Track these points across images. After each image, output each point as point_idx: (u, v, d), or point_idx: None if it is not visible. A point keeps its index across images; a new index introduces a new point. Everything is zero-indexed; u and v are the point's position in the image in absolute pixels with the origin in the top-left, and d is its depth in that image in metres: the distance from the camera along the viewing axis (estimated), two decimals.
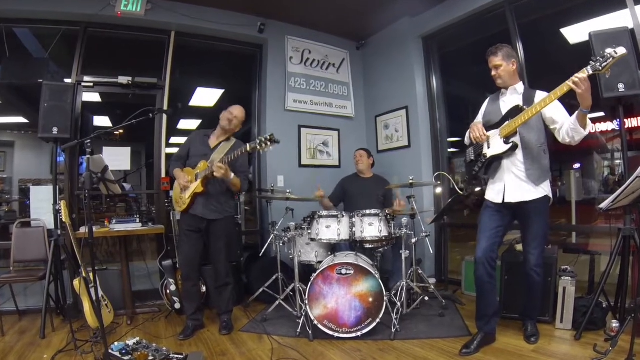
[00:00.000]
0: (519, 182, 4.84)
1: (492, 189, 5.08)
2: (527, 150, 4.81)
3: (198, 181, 5.71)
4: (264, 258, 7.57)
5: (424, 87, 8.77)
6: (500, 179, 4.98)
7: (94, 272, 4.81)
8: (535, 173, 4.79)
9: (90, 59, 7.54)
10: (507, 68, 4.97)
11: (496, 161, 5.00)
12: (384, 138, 9.43)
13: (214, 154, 5.84)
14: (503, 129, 4.87)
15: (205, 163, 5.74)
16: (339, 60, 9.78)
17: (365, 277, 5.53)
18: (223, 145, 5.96)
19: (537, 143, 4.81)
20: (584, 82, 4.08)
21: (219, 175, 5.44)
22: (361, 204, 6.86)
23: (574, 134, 4.52)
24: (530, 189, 4.80)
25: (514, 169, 4.88)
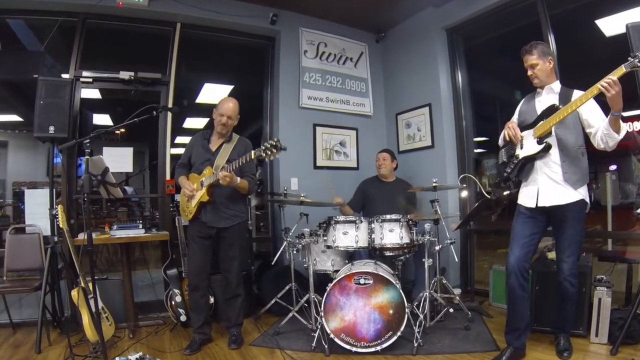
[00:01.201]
0: (553, 184, 4.82)
1: (525, 193, 5.06)
2: (563, 152, 4.79)
3: (203, 189, 5.71)
4: (276, 267, 7.55)
5: (449, 83, 8.74)
6: (534, 182, 4.96)
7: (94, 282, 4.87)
8: (573, 176, 4.76)
9: (89, 52, 7.54)
10: (544, 67, 4.95)
11: (529, 163, 4.98)
12: (405, 138, 9.42)
13: (217, 158, 5.85)
14: (537, 129, 4.86)
15: (210, 169, 5.76)
16: (357, 54, 9.77)
17: (386, 287, 5.51)
18: (225, 147, 5.97)
19: (575, 144, 4.79)
20: (614, 85, 4.08)
21: (224, 184, 5.46)
22: (382, 210, 6.81)
23: (607, 139, 4.52)
24: (565, 192, 4.77)
25: (547, 171, 4.86)
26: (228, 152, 5.88)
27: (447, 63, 8.79)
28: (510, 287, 4.96)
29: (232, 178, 5.46)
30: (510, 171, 5.10)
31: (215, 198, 5.75)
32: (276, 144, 4.99)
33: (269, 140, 5.06)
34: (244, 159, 5.35)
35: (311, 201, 6.91)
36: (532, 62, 4.96)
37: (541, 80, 5.00)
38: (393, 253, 6.18)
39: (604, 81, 4.12)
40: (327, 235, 6.28)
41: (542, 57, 4.94)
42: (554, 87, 5.01)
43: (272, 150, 5.00)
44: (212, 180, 5.58)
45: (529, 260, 4.95)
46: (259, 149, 5.11)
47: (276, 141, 5.01)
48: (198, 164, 5.96)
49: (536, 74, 4.98)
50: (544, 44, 5.02)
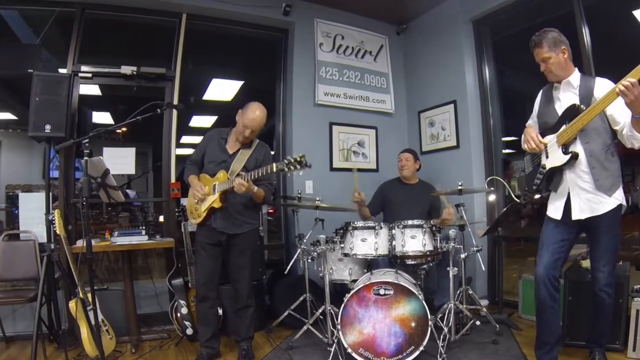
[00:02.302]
0: (585, 194, 4.74)
1: (555, 205, 5.01)
2: (591, 158, 4.67)
3: (216, 195, 5.66)
4: (289, 276, 7.50)
5: (475, 79, 8.73)
6: (563, 194, 4.91)
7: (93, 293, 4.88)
8: (606, 182, 4.67)
9: (88, 45, 7.53)
10: (557, 59, 4.79)
11: (557, 173, 4.92)
12: (428, 137, 9.41)
13: (234, 163, 5.79)
14: (560, 136, 4.76)
15: (224, 174, 5.71)
16: (377, 47, 9.78)
17: (407, 298, 5.50)
18: (243, 152, 5.90)
19: (603, 147, 4.68)
20: (634, 89, 4.04)
21: (240, 192, 5.41)
22: (403, 214, 6.83)
23: (632, 140, 4.48)
24: (600, 201, 4.68)
25: (579, 182, 4.75)
26: (246, 157, 5.84)
27: (474, 57, 8.77)
28: (539, 298, 4.93)
29: (249, 188, 5.41)
30: (539, 183, 5.07)
31: (227, 203, 5.72)
32: (301, 160, 4.95)
33: (294, 155, 5.03)
34: (264, 170, 5.32)
35: (327, 205, 6.84)
36: (543, 55, 4.81)
37: (557, 74, 4.87)
38: (415, 261, 6.21)
39: (622, 84, 4.08)
40: (344, 242, 6.28)
41: (554, 49, 4.78)
42: (572, 80, 4.87)
43: (295, 167, 4.97)
44: (227, 187, 5.55)
45: (559, 268, 4.91)
46: (282, 163, 5.08)
47: (301, 157, 4.96)
48: (212, 165, 5.92)
49: (550, 68, 4.84)
50: (554, 32, 4.84)
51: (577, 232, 4.98)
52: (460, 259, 6.36)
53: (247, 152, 5.90)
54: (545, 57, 4.82)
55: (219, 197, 5.63)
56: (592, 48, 6.78)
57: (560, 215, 4.87)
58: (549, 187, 5.02)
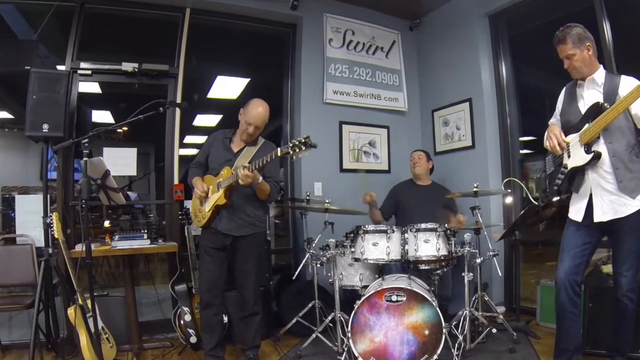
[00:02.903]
0: (608, 196, 4.71)
1: (577, 207, 4.99)
2: (615, 158, 4.66)
3: (220, 191, 5.63)
4: (297, 282, 7.53)
5: (491, 76, 8.71)
6: (585, 194, 4.89)
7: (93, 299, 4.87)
8: (629, 183, 4.64)
9: (88, 41, 7.52)
10: (582, 56, 4.79)
11: (579, 173, 4.90)
12: (442, 137, 9.41)
13: (238, 160, 5.79)
14: (583, 135, 4.75)
15: (228, 170, 5.69)
16: (389, 43, 9.77)
17: (420, 305, 5.50)
18: (248, 149, 5.91)
19: (627, 147, 4.66)
20: None
21: (245, 184, 5.37)
22: (416, 217, 6.80)
23: None
24: (624, 203, 4.66)
25: (602, 182, 4.74)
26: (251, 154, 5.81)
27: (490, 53, 8.76)
28: (559, 304, 4.92)
29: (254, 178, 5.35)
30: (560, 183, 5.05)
31: (232, 202, 5.69)
32: (306, 141, 4.85)
33: (297, 137, 4.96)
34: (269, 157, 5.21)
35: (337, 208, 6.90)
36: (567, 52, 4.80)
37: (581, 72, 4.86)
38: (429, 266, 6.17)
39: None
40: (354, 247, 6.26)
41: (579, 45, 4.77)
42: (596, 77, 4.86)
43: (300, 148, 4.87)
44: (231, 181, 5.50)
45: (580, 273, 4.90)
46: (286, 146, 4.99)
47: (306, 138, 4.87)
48: (216, 165, 5.92)
49: (574, 65, 4.83)
50: (579, 28, 4.82)
51: (599, 235, 4.95)
52: (475, 264, 6.35)
53: (252, 149, 5.90)
54: (570, 54, 4.80)
55: (224, 192, 5.61)
56: (613, 43, 6.76)
57: (581, 216, 4.86)
58: (570, 188, 5.00)
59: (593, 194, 4.80)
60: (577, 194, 4.96)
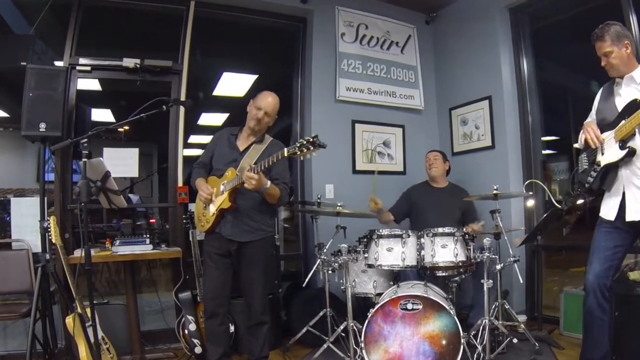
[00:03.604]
0: None
1: (609, 205, 4.97)
2: None
3: (225, 194, 5.58)
4: (308, 289, 7.49)
5: (512, 72, 8.67)
6: (618, 192, 4.87)
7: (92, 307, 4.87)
8: None
9: (87, 36, 7.50)
10: (620, 54, 4.79)
11: (612, 170, 4.89)
12: (460, 136, 9.38)
13: (244, 160, 5.72)
14: (618, 131, 4.74)
15: (233, 171, 5.62)
16: (404, 37, 9.74)
17: (437, 313, 5.49)
18: (255, 147, 5.84)
19: None
20: None
21: (250, 187, 5.26)
22: (432, 221, 6.81)
23: None
24: None
25: (635, 180, 4.72)
26: (258, 153, 5.74)
27: (511, 48, 8.72)
28: (587, 308, 4.91)
29: (260, 181, 5.25)
30: (592, 181, 5.02)
31: (238, 205, 5.65)
32: (314, 140, 4.77)
33: (305, 137, 4.88)
34: (275, 157, 5.10)
35: (350, 212, 6.87)
36: (605, 50, 4.81)
37: (618, 70, 4.85)
38: (446, 273, 6.18)
39: None
40: (368, 252, 6.24)
41: (617, 42, 4.78)
42: (635, 75, 4.84)
43: (308, 147, 4.80)
44: (236, 183, 5.44)
45: (610, 277, 4.87)
46: (293, 146, 4.91)
47: (314, 137, 4.79)
48: (221, 165, 5.87)
49: (612, 63, 4.83)
50: (617, 25, 4.85)
51: (632, 238, 4.94)
52: (495, 270, 6.27)
53: (259, 147, 5.84)
54: (607, 52, 4.80)
55: (228, 196, 5.54)
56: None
57: (614, 215, 4.84)
58: (602, 186, 4.98)
59: (626, 192, 4.79)
60: (609, 192, 4.95)
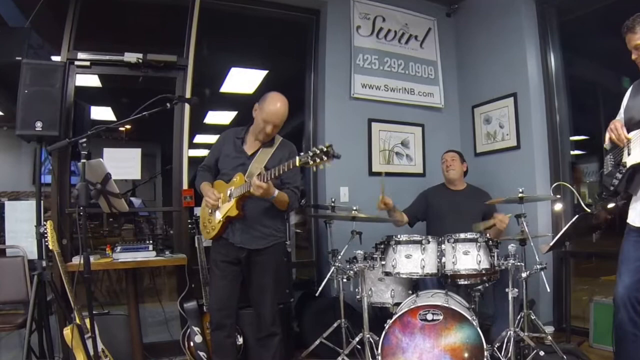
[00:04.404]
0: None
1: (634, 210, 4.94)
2: None
3: (232, 201, 5.56)
4: (321, 299, 7.55)
5: (539, 68, 8.62)
6: None
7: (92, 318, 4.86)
8: None
9: (86, 29, 7.48)
10: None
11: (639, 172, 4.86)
12: (484, 136, 9.35)
13: (252, 164, 5.72)
14: None
15: (242, 177, 5.60)
16: (423, 30, 9.74)
17: (459, 324, 5.48)
18: (263, 150, 5.83)
19: None
20: None
21: (258, 195, 5.25)
22: (451, 226, 6.79)
23: None
24: None
25: None
26: (267, 157, 5.75)
27: (537, 42, 8.67)
28: (618, 323, 4.87)
29: (268, 189, 5.25)
30: (617, 183, 4.98)
31: (246, 212, 5.65)
32: (328, 150, 4.69)
33: (319, 145, 4.81)
34: (286, 166, 5.05)
35: (366, 216, 6.79)
36: (636, 42, 4.74)
37: None
38: (469, 281, 6.13)
39: None
40: (385, 259, 6.22)
41: None
42: None
43: (321, 157, 4.71)
44: (244, 190, 5.41)
45: None
46: (305, 155, 4.83)
47: (328, 146, 4.71)
48: (227, 169, 5.85)
49: None
50: None
51: None
52: (521, 278, 6.18)
53: (268, 150, 5.81)
54: (638, 44, 4.73)
55: (236, 203, 5.52)
56: None
57: None
58: (628, 189, 4.94)
59: None
60: (637, 196, 4.90)
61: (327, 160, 4.71)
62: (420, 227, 7.96)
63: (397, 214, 7.60)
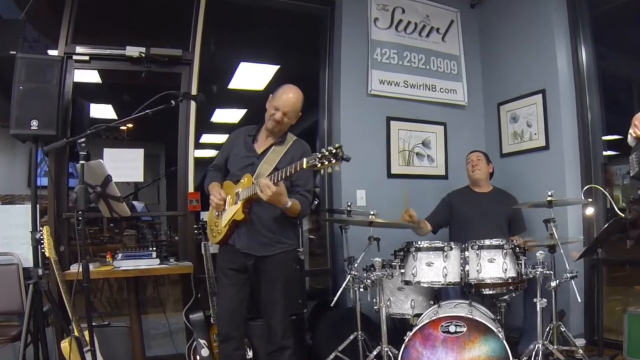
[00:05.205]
0: None
1: None
2: None
3: (239, 203, 5.51)
4: (336, 310, 7.45)
5: (569, 63, 8.57)
6: None
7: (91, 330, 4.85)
8: None
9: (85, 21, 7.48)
10: None
11: None
12: (510, 135, 9.31)
13: (261, 164, 5.66)
14: None
15: (250, 178, 5.55)
16: (446, 23, 9.72)
17: (484, 337, 5.47)
18: (274, 150, 5.77)
19: None
20: None
21: (266, 198, 5.10)
22: (476, 231, 6.85)
23: None
24: None
25: None
26: (278, 157, 5.69)
27: (567, 35, 8.61)
28: None
29: (280, 195, 5.12)
30: None
31: (253, 216, 5.58)
32: (336, 152, 4.61)
33: (327, 147, 4.73)
34: (293, 168, 5.00)
35: (384, 221, 6.75)
36: None
37: None
38: (494, 291, 6.13)
39: None
40: (405, 267, 6.21)
41: None
42: None
43: (329, 160, 4.64)
44: (251, 193, 5.35)
45: None
46: (313, 157, 4.79)
47: (337, 148, 4.64)
48: (236, 170, 5.81)
49: None
50: None
51: None
52: (550, 288, 6.20)
53: (280, 149, 5.76)
54: None
55: (242, 206, 5.46)
56: None
57: None
58: None
59: None
60: None
61: (336, 163, 4.66)
62: (442, 232, 7.97)
63: (423, 226, 7.59)
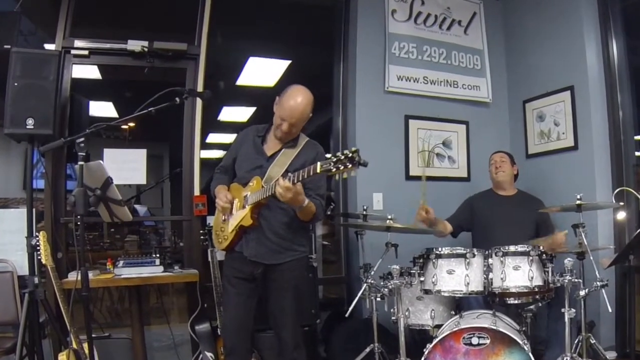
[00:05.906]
0: None
1: None
2: None
3: (247, 208, 5.40)
4: (352, 320, 7.43)
5: (599, 58, 8.51)
6: None
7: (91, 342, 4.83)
8: None
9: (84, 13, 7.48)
10: None
11: None
12: (536, 135, 9.27)
13: (271, 167, 5.55)
14: None
15: (259, 181, 5.45)
16: (468, 15, 9.69)
17: (509, 349, 5.43)
18: (285, 152, 5.65)
19: None
20: None
21: (285, 201, 5.00)
22: (500, 236, 6.78)
23: None
24: None
25: None
26: (289, 159, 5.58)
27: (597, 29, 8.55)
28: None
29: (297, 195, 4.97)
30: None
31: (262, 222, 5.48)
32: (353, 156, 4.46)
33: (343, 151, 4.57)
34: (305, 172, 4.82)
35: (402, 226, 6.80)
36: None
37: None
38: (519, 300, 6.10)
39: None
40: (424, 275, 6.20)
41: None
42: None
43: (345, 165, 4.48)
44: (260, 197, 5.24)
45: None
46: (327, 161, 4.57)
47: (354, 152, 4.48)
48: (244, 172, 5.73)
49: None
50: None
51: None
52: (579, 297, 6.13)
53: (291, 152, 5.63)
54: None
55: (250, 211, 5.35)
56: None
57: None
58: None
59: None
60: None
61: (352, 168, 4.50)
62: (464, 238, 7.93)
63: (440, 225, 7.52)
